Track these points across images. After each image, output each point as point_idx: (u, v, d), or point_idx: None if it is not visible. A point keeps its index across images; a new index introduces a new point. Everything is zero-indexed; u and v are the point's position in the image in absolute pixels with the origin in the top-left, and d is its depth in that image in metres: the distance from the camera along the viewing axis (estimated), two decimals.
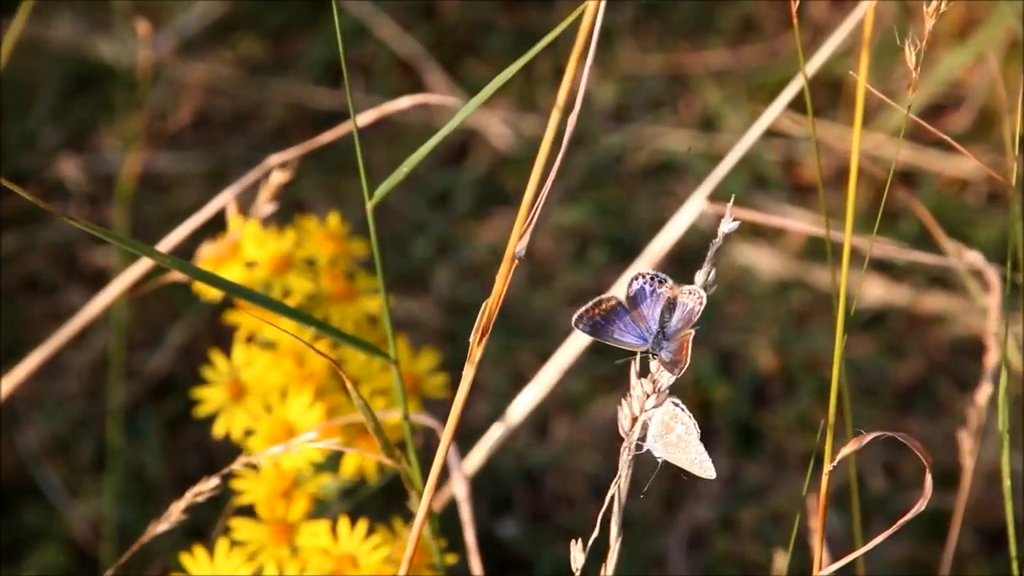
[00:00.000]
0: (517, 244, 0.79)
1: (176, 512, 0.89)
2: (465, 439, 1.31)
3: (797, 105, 2.02)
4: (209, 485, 0.87)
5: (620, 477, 0.85)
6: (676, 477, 0.90)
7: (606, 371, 1.85)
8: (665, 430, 0.87)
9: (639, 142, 2.03)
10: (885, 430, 0.85)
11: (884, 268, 1.92)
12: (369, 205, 0.88)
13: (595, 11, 0.72)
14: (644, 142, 2.03)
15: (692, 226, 1.20)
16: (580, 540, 0.85)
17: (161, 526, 0.90)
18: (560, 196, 2.00)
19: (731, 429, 1.83)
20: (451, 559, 1.11)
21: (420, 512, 0.82)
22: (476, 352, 0.82)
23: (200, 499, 0.88)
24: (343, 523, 1.12)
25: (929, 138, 1.99)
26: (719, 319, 1.91)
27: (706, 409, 1.85)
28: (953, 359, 1.87)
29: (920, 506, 0.82)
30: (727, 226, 0.86)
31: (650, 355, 0.86)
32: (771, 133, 2.01)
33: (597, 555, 0.90)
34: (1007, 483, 0.91)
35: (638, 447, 0.86)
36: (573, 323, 0.87)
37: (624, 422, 0.85)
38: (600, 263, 1.95)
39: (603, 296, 0.88)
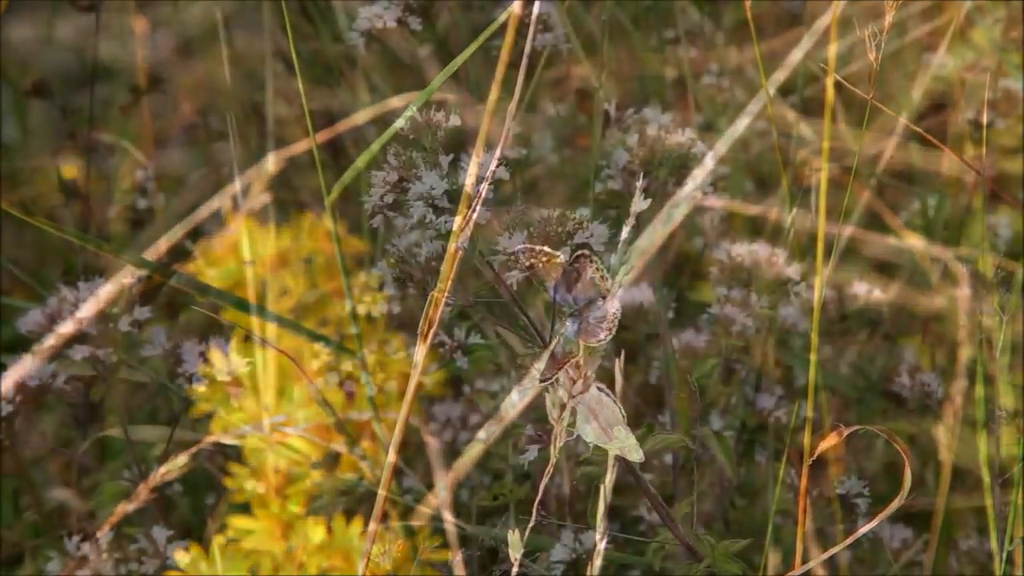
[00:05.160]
0: (459, 237, 0.80)
1: (144, 492, 0.90)
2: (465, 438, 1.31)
3: (798, 105, 2.01)
4: (178, 463, 0.88)
5: (551, 465, 0.87)
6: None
7: (605, 371, 1.84)
8: (592, 415, 0.89)
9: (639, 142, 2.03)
10: (885, 430, 0.85)
11: (883, 268, 1.92)
12: (327, 201, 0.89)
13: (519, 14, 0.72)
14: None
15: (691, 225, 1.21)
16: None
17: (130, 506, 0.90)
18: (560, 196, 2.00)
19: (731, 429, 1.83)
20: (443, 556, 1.11)
21: (377, 506, 0.83)
22: (425, 343, 0.83)
23: (168, 478, 0.89)
24: (338, 520, 1.12)
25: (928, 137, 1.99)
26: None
27: (705, 409, 1.85)
28: (952, 359, 1.86)
29: (898, 502, 0.82)
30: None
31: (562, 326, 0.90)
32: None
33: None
34: (986, 480, 0.91)
35: (568, 433, 0.89)
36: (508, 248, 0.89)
37: (553, 410, 0.88)
38: None
39: (551, 251, 0.90)
